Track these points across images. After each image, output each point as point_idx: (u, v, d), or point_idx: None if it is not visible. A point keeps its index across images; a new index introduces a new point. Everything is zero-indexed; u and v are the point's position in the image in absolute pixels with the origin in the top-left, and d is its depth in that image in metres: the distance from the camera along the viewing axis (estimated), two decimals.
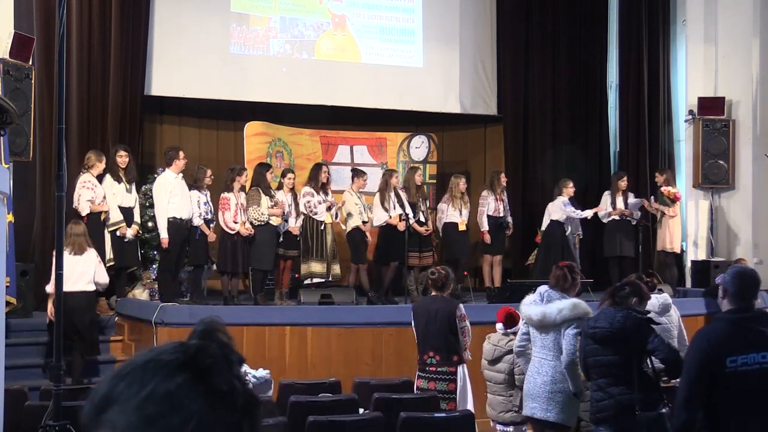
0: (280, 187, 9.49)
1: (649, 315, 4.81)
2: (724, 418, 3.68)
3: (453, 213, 10.17)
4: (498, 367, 6.24)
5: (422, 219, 9.99)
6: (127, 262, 9.02)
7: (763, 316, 3.79)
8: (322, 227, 9.40)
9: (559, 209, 10.39)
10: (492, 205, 10.43)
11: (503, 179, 10.57)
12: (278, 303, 9.09)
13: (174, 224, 8.70)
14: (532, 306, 5.40)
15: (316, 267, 9.36)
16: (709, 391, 3.68)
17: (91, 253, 7.60)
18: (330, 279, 9.47)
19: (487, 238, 10.38)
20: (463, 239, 10.27)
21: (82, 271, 7.47)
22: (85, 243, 7.52)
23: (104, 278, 7.78)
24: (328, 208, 9.41)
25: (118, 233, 8.75)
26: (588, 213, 10.52)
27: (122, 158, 8.89)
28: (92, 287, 7.63)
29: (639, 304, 4.85)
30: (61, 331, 4.79)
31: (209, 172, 9.12)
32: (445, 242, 10.42)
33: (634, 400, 4.59)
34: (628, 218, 10.55)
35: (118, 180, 8.85)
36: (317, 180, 9.50)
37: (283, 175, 9.60)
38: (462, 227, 10.16)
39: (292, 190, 9.46)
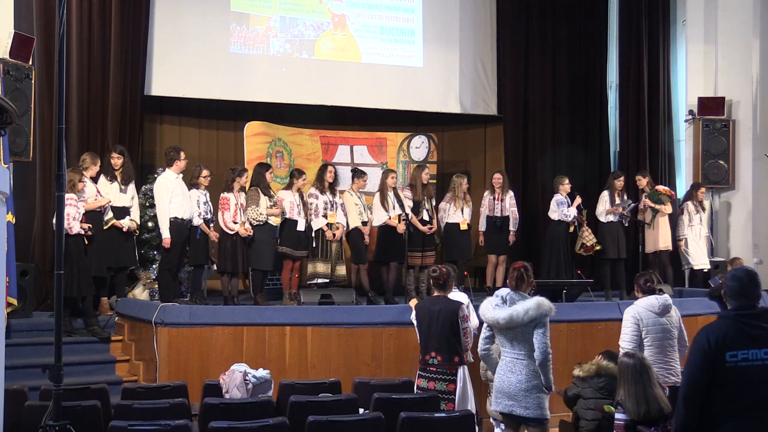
0: (289, 186, 9.46)
1: None
2: (725, 414, 3.67)
3: (455, 213, 10.18)
4: None
5: (426, 218, 9.98)
6: (125, 261, 9.01)
7: (766, 313, 3.79)
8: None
9: (554, 208, 10.42)
10: (488, 205, 10.48)
11: (495, 178, 10.56)
12: (292, 303, 8.97)
13: (175, 224, 8.68)
14: (496, 310, 5.47)
15: (320, 267, 9.35)
16: (710, 387, 3.68)
17: None
18: (333, 280, 9.43)
19: (480, 240, 10.44)
20: (464, 240, 10.26)
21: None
22: None
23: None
24: (324, 216, 9.37)
25: (114, 224, 8.71)
26: (573, 211, 10.45)
27: (114, 160, 8.90)
28: None
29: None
30: (61, 330, 4.78)
31: (205, 172, 9.01)
32: (446, 242, 10.40)
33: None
34: (621, 219, 10.55)
35: (112, 180, 8.85)
36: (322, 180, 9.48)
37: (295, 176, 9.46)
38: (464, 227, 10.17)
39: (300, 191, 9.42)
